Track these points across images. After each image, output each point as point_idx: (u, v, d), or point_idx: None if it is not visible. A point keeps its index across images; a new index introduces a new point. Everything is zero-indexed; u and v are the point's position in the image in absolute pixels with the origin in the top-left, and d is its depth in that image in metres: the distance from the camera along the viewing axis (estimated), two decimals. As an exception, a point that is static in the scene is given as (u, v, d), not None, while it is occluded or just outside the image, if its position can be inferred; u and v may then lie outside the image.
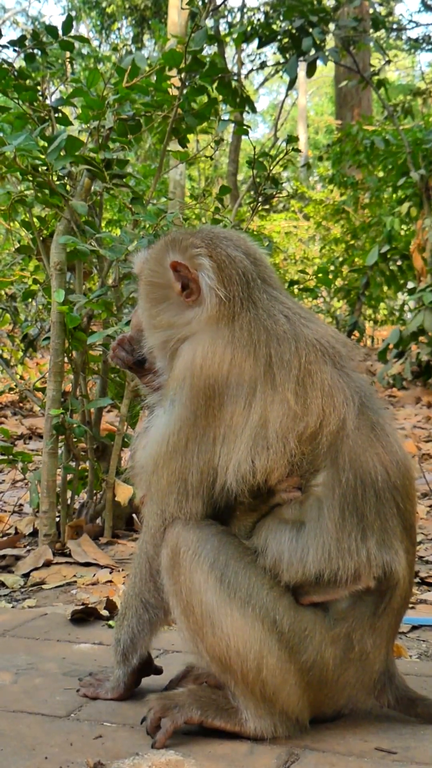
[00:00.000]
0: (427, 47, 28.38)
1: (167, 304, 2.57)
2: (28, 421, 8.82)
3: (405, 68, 42.05)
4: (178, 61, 4.58)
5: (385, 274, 13.91)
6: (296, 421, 2.35)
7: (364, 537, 2.34)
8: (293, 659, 2.34)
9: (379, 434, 2.42)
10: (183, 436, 2.40)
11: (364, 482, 2.35)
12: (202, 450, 2.39)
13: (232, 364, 2.38)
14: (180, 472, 2.41)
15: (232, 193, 10.67)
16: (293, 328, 2.45)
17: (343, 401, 2.39)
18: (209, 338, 2.43)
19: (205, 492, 2.40)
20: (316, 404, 2.36)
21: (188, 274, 2.51)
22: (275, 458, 2.35)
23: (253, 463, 2.35)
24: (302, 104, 36.58)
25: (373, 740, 2.39)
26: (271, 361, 2.38)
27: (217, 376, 2.37)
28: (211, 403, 2.38)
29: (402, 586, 2.43)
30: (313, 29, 12.33)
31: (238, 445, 2.36)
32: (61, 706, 2.61)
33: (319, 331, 2.49)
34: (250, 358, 2.38)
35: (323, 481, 2.36)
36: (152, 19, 26.93)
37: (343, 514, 2.34)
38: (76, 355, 4.56)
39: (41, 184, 4.42)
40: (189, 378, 2.40)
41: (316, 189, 23.58)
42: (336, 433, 2.36)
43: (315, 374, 2.39)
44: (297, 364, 2.38)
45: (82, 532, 4.53)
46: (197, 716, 2.37)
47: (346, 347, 2.54)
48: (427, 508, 5.46)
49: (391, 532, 2.38)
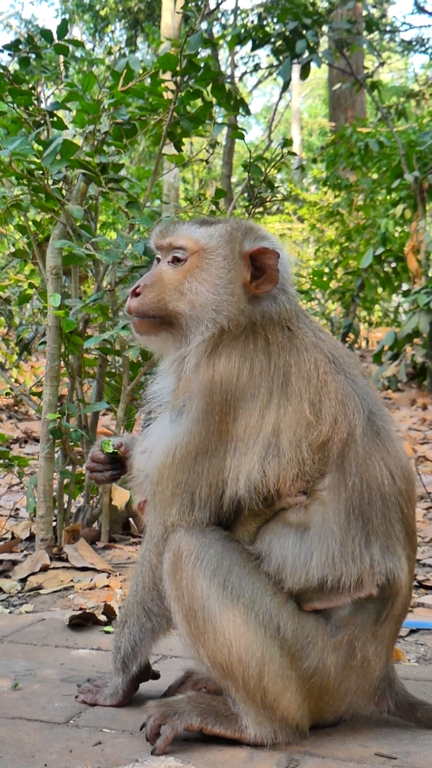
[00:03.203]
0: (420, 49, 28.46)
1: (229, 288, 2.48)
2: (23, 425, 8.81)
3: (398, 70, 42.14)
4: (173, 65, 4.58)
5: (380, 276, 13.93)
6: (310, 429, 2.34)
7: (368, 542, 2.34)
8: (295, 666, 2.33)
9: (384, 439, 2.42)
10: (192, 449, 2.39)
11: (370, 486, 2.35)
12: (213, 464, 2.37)
13: (251, 376, 2.36)
14: (187, 484, 2.39)
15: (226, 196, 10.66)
16: (314, 342, 2.44)
17: (354, 409, 2.39)
18: (229, 353, 2.39)
19: (213, 503, 2.39)
20: (329, 413, 2.36)
21: (270, 265, 2.46)
22: (287, 466, 2.34)
23: (265, 473, 2.34)
24: (296, 106, 36.58)
25: (373, 745, 2.39)
26: (288, 376, 2.37)
27: (235, 391, 2.36)
28: (225, 418, 2.36)
29: (404, 593, 2.43)
30: (306, 32, 12.36)
31: (249, 456, 2.35)
32: (60, 713, 2.60)
33: (329, 340, 2.50)
34: (267, 372, 2.36)
35: (329, 485, 2.36)
36: (145, 21, 26.93)
37: (349, 518, 2.33)
38: (72, 359, 4.56)
39: (37, 188, 4.42)
40: (207, 394, 2.37)
41: (310, 191, 23.60)
42: (346, 440, 2.36)
43: (330, 384, 2.39)
44: (315, 375, 2.38)
45: (79, 537, 4.52)
46: (197, 723, 2.36)
47: (351, 358, 2.54)
48: (424, 511, 5.47)
49: (395, 538, 2.38)
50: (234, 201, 5.55)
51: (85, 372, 4.72)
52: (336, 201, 17.59)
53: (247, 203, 5.10)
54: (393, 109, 15.34)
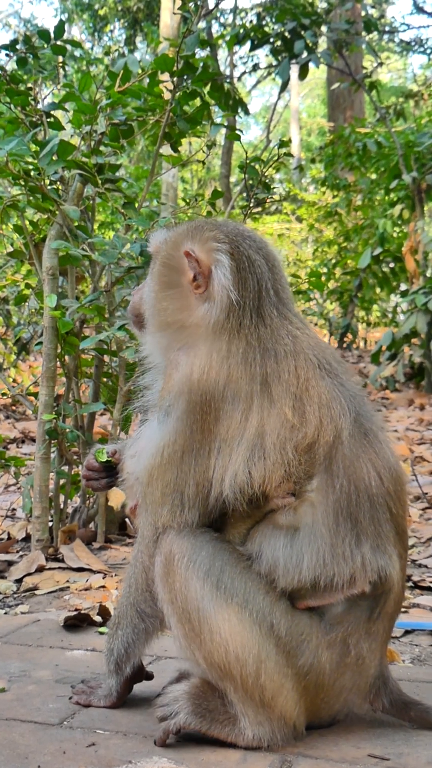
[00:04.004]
0: (418, 49, 28.47)
1: (177, 290, 2.54)
2: (20, 425, 8.81)
3: (397, 70, 42.15)
4: (170, 66, 4.58)
5: (378, 276, 13.95)
6: (294, 431, 2.35)
7: (359, 542, 2.34)
8: (290, 663, 2.34)
9: (372, 441, 2.43)
10: (178, 448, 2.40)
11: (357, 488, 2.36)
12: (198, 463, 2.39)
13: (229, 379, 2.37)
14: (175, 483, 2.41)
15: (224, 196, 10.66)
16: (294, 348, 2.43)
17: (340, 411, 2.39)
18: (207, 351, 2.41)
19: (200, 503, 2.40)
20: (314, 415, 2.37)
21: (204, 266, 2.48)
22: (273, 468, 2.35)
23: (250, 474, 2.35)
24: (295, 106, 36.57)
25: (366, 746, 2.39)
26: (267, 380, 2.37)
27: (214, 392, 2.37)
28: (207, 418, 2.37)
29: (396, 591, 2.43)
30: (305, 32, 12.37)
31: (234, 457, 2.35)
32: (54, 714, 2.61)
33: (318, 348, 2.49)
34: (247, 376, 2.37)
35: (317, 487, 2.36)
36: (144, 21, 26.93)
37: (337, 520, 2.34)
38: (68, 359, 4.56)
39: (33, 189, 4.42)
40: (186, 392, 2.39)
41: (308, 191, 23.60)
42: (332, 442, 2.37)
43: (312, 389, 2.39)
44: (295, 382, 2.38)
45: (75, 537, 4.52)
46: (193, 725, 2.37)
47: (341, 364, 2.54)
48: (420, 511, 5.47)
49: (384, 537, 2.39)
50: (232, 201, 5.55)
51: (82, 372, 4.72)
52: (334, 201, 17.59)
53: (244, 204, 5.10)
54: (391, 110, 15.35)
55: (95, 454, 2.82)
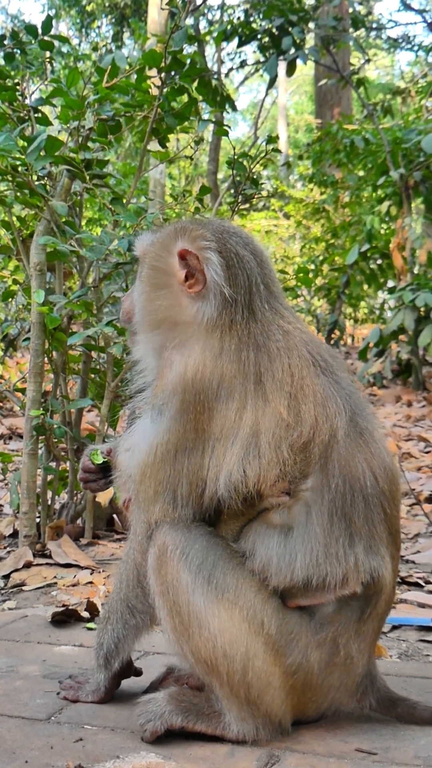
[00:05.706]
0: (406, 46, 28.49)
1: (167, 291, 2.53)
2: (8, 421, 8.78)
3: (384, 67, 42.20)
4: (158, 61, 4.57)
5: (365, 273, 13.96)
6: (289, 430, 2.35)
7: (352, 542, 2.34)
8: (279, 662, 2.34)
9: (367, 440, 2.43)
10: (171, 446, 2.39)
11: (353, 488, 2.36)
12: (191, 461, 2.38)
13: (222, 378, 2.36)
14: (168, 482, 2.40)
15: (212, 192, 10.67)
16: (287, 344, 2.43)
17: (335, 410, 2.39)
18: (201, 350, 2.40)
19: (194, 501, 2.40)
20: (309, 414, 2.36)
21: (196, 265, 2.48)
22: (268, 467, 2.34)
23: (245, 473, 2.34)
24: (282, 103, 36.59)
25: (353, 741, 2.40)
26: (261, 378, 2.37)
27: (208, 391, 2.36)
28: (200, 417, 2.36)
29: (387, 592, 2.44)
30: (292, 28, 12.36)
31: (228, 456, 2.35)
32: (41, 709, 2.61)
33: (311, 344, 2.49)
34: (240, 374, 2.36)
35: (312, 486, 2.36)
36: (132, 17, 26.87)
37: (332, 519, 2.34)
38: (56, 355, 4.55)
39: (21, 185, 4.41)
40: (180, 391, 2.38)
41: (296, 188, 23.60)
42: (328, 441, 2.37)
43: (307, 387, 2.39)
44: (289, 381, 2.38)
45: (63, 533, 4.52)
46: (178, 722, 2.37)
47: (335, 360, 2.54)
48: (407, 507, 5.49)
49: (378, 538, 2.39)
50: (220, 198, 5.55)
51: (70, 368, 4.71)
52: (322, 198, 17.58)
53: (232, 200, 5.10)
54: (379, 106, 15.37)
55: (90, 456, 2.82)
